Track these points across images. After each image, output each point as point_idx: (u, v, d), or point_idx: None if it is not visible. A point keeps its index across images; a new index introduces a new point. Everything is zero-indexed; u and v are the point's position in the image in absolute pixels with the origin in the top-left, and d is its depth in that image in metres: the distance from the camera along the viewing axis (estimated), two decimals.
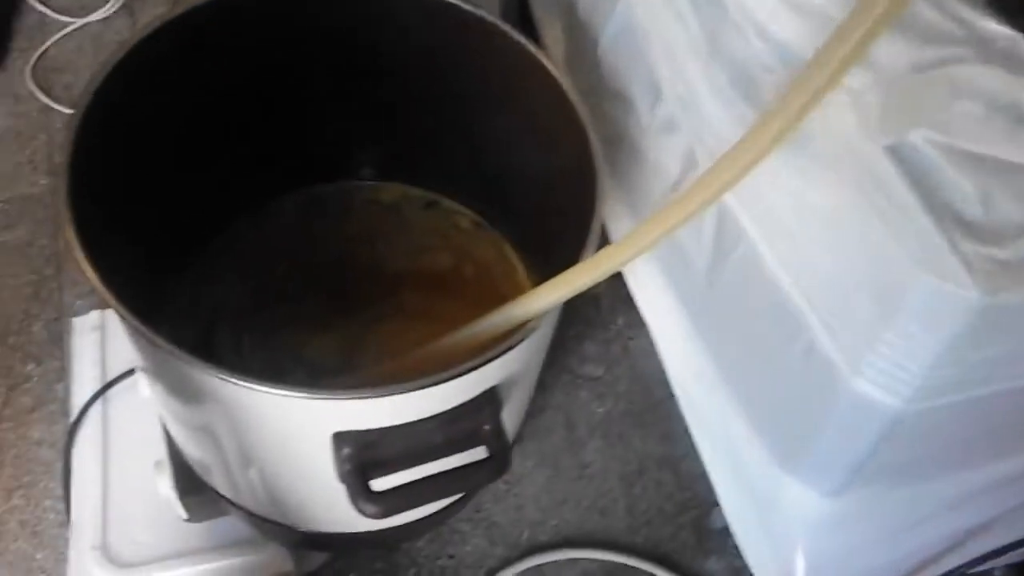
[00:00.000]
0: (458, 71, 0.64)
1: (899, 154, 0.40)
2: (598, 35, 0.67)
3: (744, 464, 0.60)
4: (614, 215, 0.71)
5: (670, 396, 0.72)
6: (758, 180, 0.42)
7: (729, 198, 0.49)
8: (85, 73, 0.95)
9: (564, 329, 0.78)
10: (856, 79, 0.40)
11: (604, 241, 0.67)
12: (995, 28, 0.39)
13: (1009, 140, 0.39)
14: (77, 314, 0.76)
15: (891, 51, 0.40)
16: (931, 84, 0.40)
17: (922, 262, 0.39)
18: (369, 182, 0.74)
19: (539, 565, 0.69)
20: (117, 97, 0.51)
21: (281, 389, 0.42)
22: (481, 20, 0.59)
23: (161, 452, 0.62)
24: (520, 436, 0.70)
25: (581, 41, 0.71)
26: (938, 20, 0.40)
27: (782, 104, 0.38)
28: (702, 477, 0.69)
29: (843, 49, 0.35)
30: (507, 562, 0.68)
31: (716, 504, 0.67)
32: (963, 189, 0.39)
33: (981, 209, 0.39)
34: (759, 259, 0.50)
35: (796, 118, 0.38)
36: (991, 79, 0.40)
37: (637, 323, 0.77)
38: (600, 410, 0.76)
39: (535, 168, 0.64)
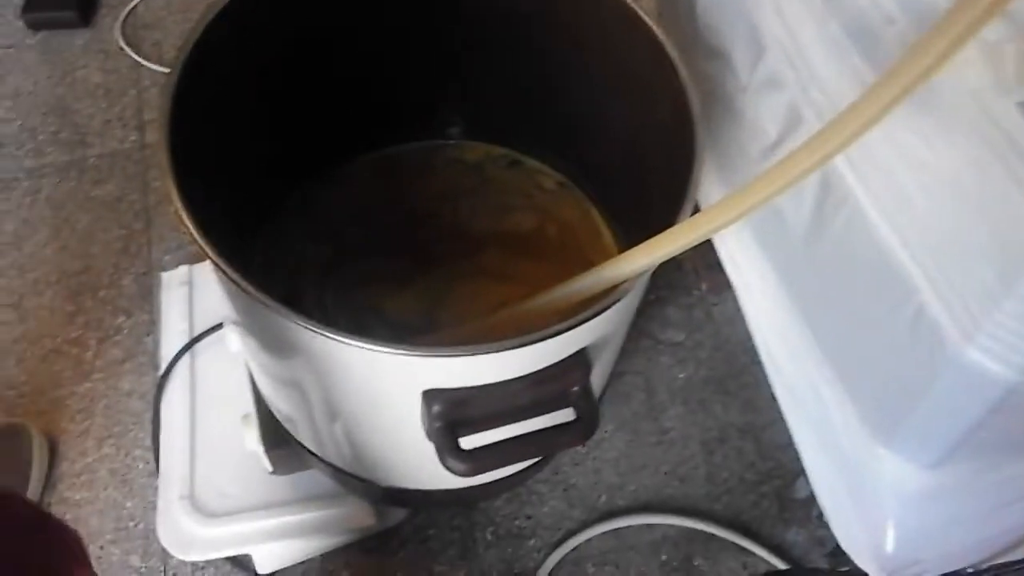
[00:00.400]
0: (548, 26, 0.62)
1: None
2: None
3: (835, 434, 0.58)
4: (703, 177, 0.69)
5: (754, 363, 0.71)
6: (871, 139, 0.40)
7: (837, 158, 0.47)
8: (174, 30, 0.96)
9: (646, 293, 0.76)
10: (990, 31, 0.37)
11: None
12: None
13: None
14: (165, 269, 0.78)
15: None
16: None
17: None
18: (453, 141, 0.73)
19: (616, 529, 0.68)
20: (211, 55, 0.51)
21: (376, 345, 0.42)
22: None
23: (248, 406, 0.63)
24: (600, 400, 0.69)
25: (675, 4, 0.68)
26: None
27: (911, 58, 0.35)
28: (786, 447, 0.68)
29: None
30: (584, 525, 0.68)
31: (799, 474, 0.66)
32: None
33: None
34: (866, 222, 0.48)
35: (926, 73, 0.35)
36: None
37: (721, 288, 0.75)
38: (681, 376, 0.75)
39: (626, 126, 0.62)
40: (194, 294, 0.74)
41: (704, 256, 0.76)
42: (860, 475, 0.57)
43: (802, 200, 0.55)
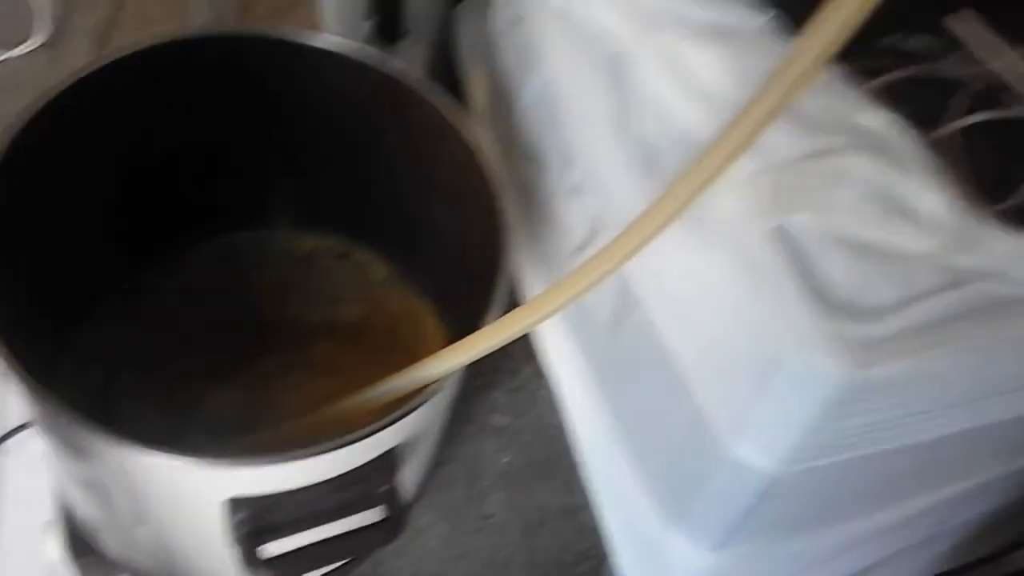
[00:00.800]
0: (373, 126, 0.65)
1: (782, 235, 0.43)
2: (516, 96, 0.69)
3: (636, 516, 0.62)
4: (528, 271, 0.73)
5: (573, 445, 0.74)
6: (653, 252, 0.44)
7: (632, 265, 0.52)
8: (1, 111, 0.92)
9: (473, 379, 0.79)
10: (746, 164, 0.43)
11: (515, 299, 0.69)
12: (870, 121, 0.43)
13: (880, 226, 0.42)
14: None
15: (778, 140, 0.43)
16: (813, 171, 0.43)
17: (796, 338, 0.41)
18: (283, 231, 0.74)
19: None
20: (31, 145, 0.51)
21: (176, 454, 0.42)
22: (395, 80, 0.61)
23: (52, 511, 0.60)
24: (423, 490, 0.71)
25: (501, 99, 0.73)
26: (820, 112, 0.43)
27: (678, 184, 0.40)
28: (600, 528, 0.71)
29: (739, 134, 0.37)
30: None
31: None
32: (838, 270, 0.42)
33: (853, 289, 0.42)
34: (652, 325, 0.53)
35: (692, 197, 0.40)
36: (867, 168, 0.43)
37: (545, 371, 0.79)
38: (505, 460, 0.77)
39: (448, 225, 0.66)
40: (6, 390, 0.71)
41: (530, 340, 0.79)
42: (657, 555, 0.61)
43: (603, 299, 0.60)
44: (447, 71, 0.85)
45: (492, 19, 0.69)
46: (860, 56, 0.44)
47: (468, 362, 0.51)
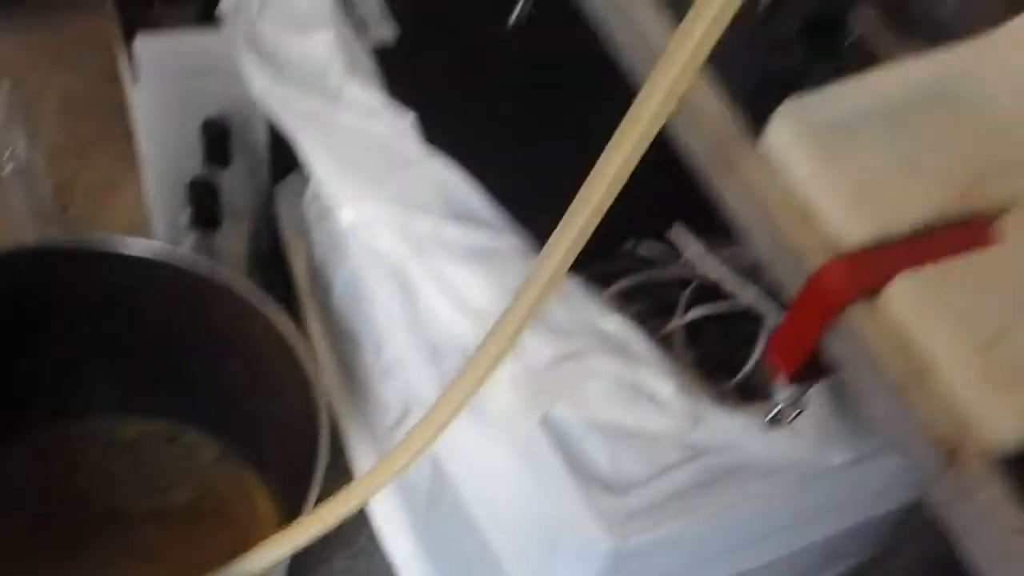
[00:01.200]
0: (189, 320, 0.68)
1: (548, 424, 0.49)
2: (332, 279, 0.74)
3: None
4: (355, 441, 0.76)
5: None
6: (456, 439, 0.49)
7: (439, 448, 0.56)
8: None
9: (308, 549, 0.80)
10: (511, 366, 0.49)
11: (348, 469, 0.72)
12: (608, 325, 0.50)
13: (629, 410, 0.49)
14: None
15: (536, 344, 0.50)
16: (567, 370, 0.49)
17: (565, 515, 0.47)
18: (108, 419, 0.75)
19: None
20: None
21: None
22: (206, 279, 0.65)
23: None
24: None
25: (319, 279, 0.78)
26: (567, 320, 0.50)
27: (453, 386, 0.45)
28: None
29: (498, 345, 0.43)
30: None
31: None
32: (597, 451, 0.48)
33: (611, 466, 0.48)
34: (461, 499, 0.57)
35: (469, 394, 0.45)
36: (612, 364, 0.50)
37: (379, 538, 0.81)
38: None
39: (271, 408, 0.69)
40: None
41: (364, 508, 0.81)
42: None
43: (421, 478, 0.64)
44: (272, 246, 0.89)
45: (305, 208, 0.74)
46: (601, 261, 0.52)
47: (294, 552, 0.54)
